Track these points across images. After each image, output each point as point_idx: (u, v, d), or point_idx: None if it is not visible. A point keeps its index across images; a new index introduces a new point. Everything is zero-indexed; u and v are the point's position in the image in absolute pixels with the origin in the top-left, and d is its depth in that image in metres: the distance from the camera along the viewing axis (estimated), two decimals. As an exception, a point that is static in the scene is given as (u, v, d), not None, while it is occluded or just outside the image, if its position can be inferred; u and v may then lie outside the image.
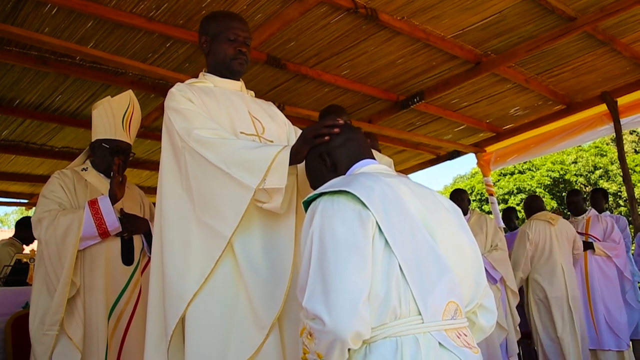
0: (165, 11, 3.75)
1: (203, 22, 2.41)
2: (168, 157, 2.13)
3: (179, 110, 2.09)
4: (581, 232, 5.29)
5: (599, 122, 6.09)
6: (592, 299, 5.07)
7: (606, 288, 5.08)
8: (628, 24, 4.51)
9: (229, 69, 2.32)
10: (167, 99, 2.16)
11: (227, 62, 2.31)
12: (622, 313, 5.01)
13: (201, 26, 2.40)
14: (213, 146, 1.95)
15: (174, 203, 2.05)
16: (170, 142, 2.12)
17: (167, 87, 4.71)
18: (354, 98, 5.46)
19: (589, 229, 5.29)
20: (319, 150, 1.80)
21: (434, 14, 4.11)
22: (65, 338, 2.59)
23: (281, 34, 4.11)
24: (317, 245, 1.45)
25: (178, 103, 2.12)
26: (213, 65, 2.35)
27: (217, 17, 2.40)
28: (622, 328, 4.95)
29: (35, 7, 3.52)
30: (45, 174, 6.60)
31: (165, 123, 2.14)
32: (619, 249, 5.16)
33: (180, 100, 2.13)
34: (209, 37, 2.32)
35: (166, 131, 2.14)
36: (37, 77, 4.45)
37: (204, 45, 2.35)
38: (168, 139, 2.13)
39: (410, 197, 1.57)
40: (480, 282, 1.64)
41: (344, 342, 1.35)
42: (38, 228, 2.71)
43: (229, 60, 2.30)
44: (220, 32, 2.31)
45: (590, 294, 5.09)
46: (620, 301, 5.07)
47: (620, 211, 17.18)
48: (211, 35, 2.32)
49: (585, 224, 5.34)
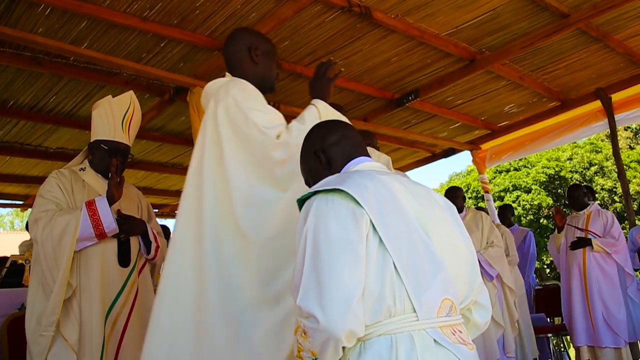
0: (159, 11, 3.74)
1: (253, 33, 2.54)
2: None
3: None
4: (581, 227, 5.27)
5: (594, 118, 6.11)
6: (589, 296, 5.06)
7: (605, 285, 5.04)
8: (621, 21, 4.52)
9: (270, 87, 2.44)
10: (234, 90, 2.21)
11: (271, 80, 2.45)
12: (620, 310, 4.98)
13: (250, 35, 2.48)
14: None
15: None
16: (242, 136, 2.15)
17: (161, 87, 4.73)
18: (349, 96, 5.46)
19: (589, 224, 5.27)
20: (313, 147, 1.80)
21: (428, 11, 4.11)
22: (61, 339, 2.58)
23: (275, 33, 4.11)
24: (310, 243, 1.45)
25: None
26: (255, 76, 2.38)
27: (265, 37, 2.56)
28: (620, 325, 4.93)
29: (28, 7, 3.51)
30: (40, 175, 6.58)
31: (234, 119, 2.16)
32: (618, 245, 5.10)
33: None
34: (261, 51, 2.40)
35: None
36: (31, 77, 4.43)
37: (255, 54, 2.39)
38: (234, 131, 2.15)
39: (404, 195, 1.57)
40: (474, 279, 1.64)
41: (338, 340, 1.35)
42: (34, 228, 2.70)
43: (273, 79, 2.46)
44: (271, 52, 2.45)
45: (587, 291, 5.08)
46: (619, 298, 5.03)
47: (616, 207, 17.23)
48: (263, 50, 2.41)
49: (585, 219, 5.32)
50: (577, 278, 5.16)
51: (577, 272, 5.17)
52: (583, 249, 5.17)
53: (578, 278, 5.16)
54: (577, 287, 5.15)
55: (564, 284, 5.37)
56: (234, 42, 2.44)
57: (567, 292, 5.30)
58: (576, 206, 5.46)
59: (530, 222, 17.43)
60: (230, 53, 2.44)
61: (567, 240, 5.35)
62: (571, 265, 5.23)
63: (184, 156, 6.66)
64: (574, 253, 5.22)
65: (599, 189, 17.45)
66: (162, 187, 7.94)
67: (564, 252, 5.38)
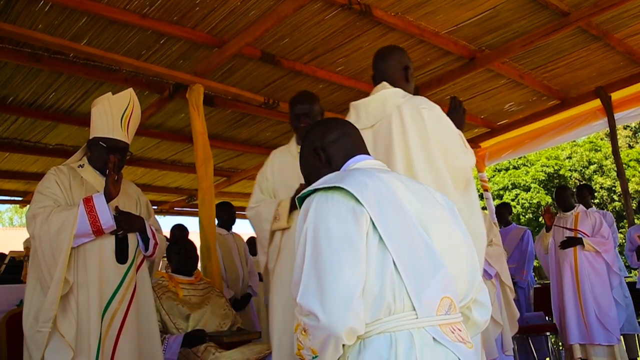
0: (159, 8, 3.73)
1: (407, 56, 2.83)
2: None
3: None
4: (570, 227, 5.30)
5: (593, 117, 6.11)
6: (582, 294, 5.08)
7: (596, 283, 5.09)
8: (621, 19, 4.52)
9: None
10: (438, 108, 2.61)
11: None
12: (612, 307, 5.04)
13: (406, 57, 2.80)
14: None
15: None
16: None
17: (161, 84, 4.72)
18: (349, 94, 5.45)
19: (577, 224, 5.31)
20: (313, 145, 1.80)
21: (428, 9, 4.11)
22: (58, 335, 2.58)
23: (275, 31, 4.11)
24: (311, 241, 1.45)
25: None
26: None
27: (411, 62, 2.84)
28: (612, 322, 4.98)
29: (28, 3, 3.51)
30: (39, 171, 6.58)
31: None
32: (607, 244, 5.18)
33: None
34: (410, 73, 2.75)
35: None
36: (30, 74, 4.43)
37: (409, 73, 2.76)
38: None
39: (404, 193, 1.57)
40: (474, 277, 1.64)
41: (338, 338, 1.35)
42: (32, 224, 2.69)
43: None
44: (413, 75, 2.84)
45: (580, 289, 5.10)
46: (610, 296, 5.10)
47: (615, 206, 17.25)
48: (411, 72, 2.77)
49: (574, 220, 5.36)
50: (569, 277, 5.17)
51: (568, 271, 5.18)
52: (574, 248, 5.20)
53: (570, 277, 5.17)
54: (569, 286, 5.16)
55: (555, 283, 5.37)
56: (392, 58, 2.74)
57: (558, 291, 5.32)
58: (564, 207, 5.50)
59: (529, 220, 17.46)
60: (388, 67, 2.73)
61: (555, 240, 5.37)
62: (562, 265, 5.24)
63: (183, 153, 6.66)
64: (565, 252, 5.24)
65: (598, 188, 17.48)
66: (161, 184, 7.93)
67: (553, 252, 5.40)
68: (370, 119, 2.58)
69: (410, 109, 2.45)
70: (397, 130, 2.44)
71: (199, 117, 4.21)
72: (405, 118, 2.44)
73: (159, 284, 3.52)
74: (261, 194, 3.14)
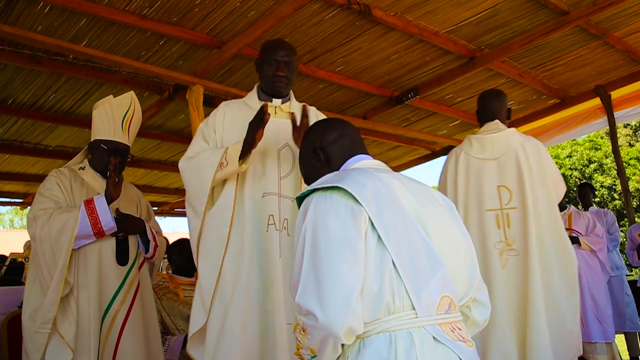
0: (159, 9, 3.73)
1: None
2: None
3: None
4: (565, 227, 5.35)
5: (593, 115, 6.10)
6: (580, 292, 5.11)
7: (592, 281, 5.15)
8: (621, 18, 4.51)
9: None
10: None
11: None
12: (607, 305, 5.11)
13: (508, 100, 3.61)
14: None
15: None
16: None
17: (161, 85, 4.72)
18: (349, 94, 5.45)
19: (571, 224, 5.35)
20: (312, 145, 1.80)
21: (428, 9, 4.11)
22: (58, 336, 2.59)
23: (275, 31, 4.10)
24: (309, 241, 1.45)
25: None
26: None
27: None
28: (608, 320, 5.04)
29: (27, 5, 3.50)
30: (39, 173, 6.58)
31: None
32: (602, 243, 5.26)
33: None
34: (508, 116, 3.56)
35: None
36: (30, 76, 4.43)
37: (510, 114, 3.58)
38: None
39: (403, 192, 1.57)
40: (474, 276, 1.65)
41: (336, 338, 1.36)
42: (33, 225, 2.71)
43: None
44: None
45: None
46: (606, 294, 5.16)
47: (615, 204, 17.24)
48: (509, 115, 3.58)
49: (567, 219, 5.39)
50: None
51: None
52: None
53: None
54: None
55: None
56: (502, 100, 3.45)
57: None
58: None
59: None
60: (500, 108, 3.43)
61: None
62: (558, 263, 5.29)
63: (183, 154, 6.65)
64: None
65: (598, 187, 17.47)
66: (161, 185, 7.93)
67: None
68: (496, 152, 3.32)
69: (532, 147, 3.28)
70: (524, 165, 3.21)
71: (199, 118, 4.20)
72: (529, 156, 3.24)
73: (159, 284, 3.52)
74: (205, 145, 2.66)
